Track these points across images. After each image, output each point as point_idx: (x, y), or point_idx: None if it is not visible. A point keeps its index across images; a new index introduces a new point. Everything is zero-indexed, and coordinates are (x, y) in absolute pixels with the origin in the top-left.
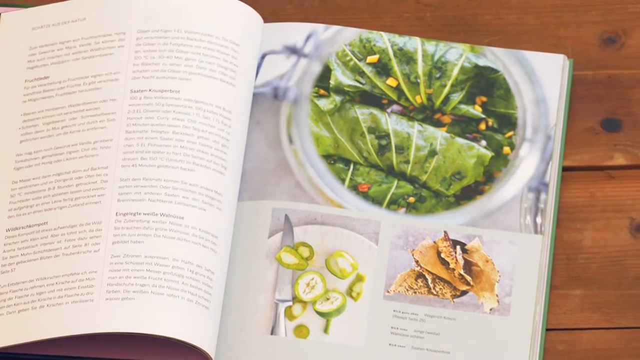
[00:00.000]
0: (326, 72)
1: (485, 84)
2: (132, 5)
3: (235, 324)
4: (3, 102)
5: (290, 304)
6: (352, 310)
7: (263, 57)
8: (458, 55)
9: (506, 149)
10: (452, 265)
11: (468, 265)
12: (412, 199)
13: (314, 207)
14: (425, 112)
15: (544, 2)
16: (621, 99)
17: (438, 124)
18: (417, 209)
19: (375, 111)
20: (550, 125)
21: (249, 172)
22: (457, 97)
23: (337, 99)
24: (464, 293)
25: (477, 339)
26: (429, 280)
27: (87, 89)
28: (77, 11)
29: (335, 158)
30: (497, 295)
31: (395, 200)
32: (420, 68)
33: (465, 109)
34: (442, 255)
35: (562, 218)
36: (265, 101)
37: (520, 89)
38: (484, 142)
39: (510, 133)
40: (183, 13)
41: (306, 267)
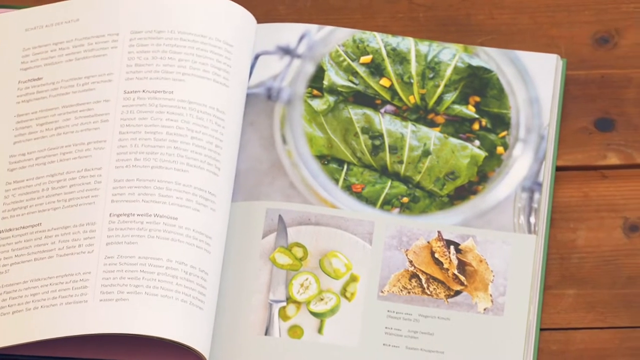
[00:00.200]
0: (319, 72)
1: (478, 84)
2: (125, 7)
3: (230, 325)
4: None
5: (284, 304)
6: (346, 310)
7: (256, 57)
8: (451, 56)
9: (500, 149)
10: (446, 265)
11: (462, 265)
12: (405, 199)
13: (308, 208)
14: (419, 112)
15: (537, 2)
16: (614, 98)
17: (431, 124)
18: (411, 209)
19: (368, 111)
20: (543, 125)
21: (242, 173)
22: (451, 97)
23: (331, 99)
24: (457, 293)
25: (471, 339)
26: (423, 280)
27: (80, 90)
28: (70, 12)
29: (329, 158)
30: (491, 295)
31: (389, 200)
32: (414, 68)
33: (459, 109)
34: (436, 255)
35: (555, 218)
36: (258, 102)
37: (514, 89)
38: (477, 142)
39: (504, 133)
40: (176, 14)
41: (300, 268)
